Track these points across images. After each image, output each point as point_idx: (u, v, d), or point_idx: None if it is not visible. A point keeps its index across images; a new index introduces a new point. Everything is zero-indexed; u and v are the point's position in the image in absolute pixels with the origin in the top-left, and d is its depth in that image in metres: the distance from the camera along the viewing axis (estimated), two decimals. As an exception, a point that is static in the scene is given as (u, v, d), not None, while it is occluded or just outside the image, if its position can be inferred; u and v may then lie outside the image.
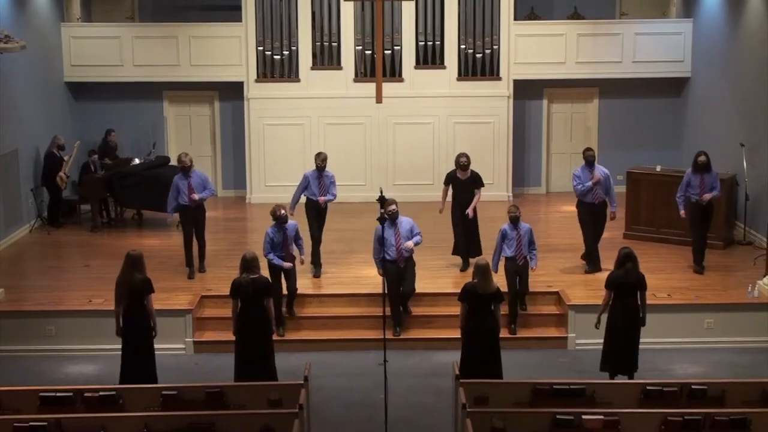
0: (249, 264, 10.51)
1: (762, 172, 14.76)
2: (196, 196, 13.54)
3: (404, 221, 12.40)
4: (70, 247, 15.79)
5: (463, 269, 13.84)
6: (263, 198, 17.83)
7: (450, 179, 13.96)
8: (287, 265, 12.23)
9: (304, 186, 13.76)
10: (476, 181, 13.87)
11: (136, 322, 10.50)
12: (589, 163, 13.62)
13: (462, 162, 13.81)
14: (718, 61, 17.25)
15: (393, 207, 12.24)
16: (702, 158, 13.73)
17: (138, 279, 10.44)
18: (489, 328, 10.36)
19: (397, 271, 12.24)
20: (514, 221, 12.28)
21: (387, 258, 12.18)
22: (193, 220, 13.74)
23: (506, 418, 8.71)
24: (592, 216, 13.71)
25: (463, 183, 13.84)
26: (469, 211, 13.75)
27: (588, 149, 13.91)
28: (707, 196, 13.58)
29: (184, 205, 13.63)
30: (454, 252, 14.11)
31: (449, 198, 14.03)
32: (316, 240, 13.81)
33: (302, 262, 12.72)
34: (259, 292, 10.46)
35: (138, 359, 10.55)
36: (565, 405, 9.06)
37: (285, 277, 12.28)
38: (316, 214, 13.77)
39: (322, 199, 13.64)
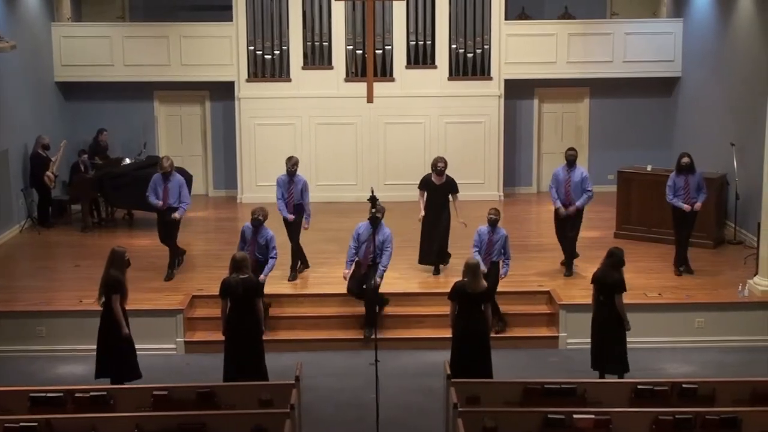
0: (238, 264, 10.50)
1: (752, 171, 14.78)
2: (177, 215, 13.51)
3: (382, 231, 12.10)
4: (61, 247, 15.76)
5: (437, 273, 13.80)
6: (254, 198, 17.80)
7: (425, 184, 13.78)
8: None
9: (281, 192, 13.51)
10: (452, 186, 13.68)
11: (108, 319, 10.56)
12: (570, 162, 13.65)
13: (439, 167, 13.60)
14: (708, 61, 17.29)
15: (378, 215, 11.93)
16: (685, 159, 13.73)
17: (110, 277, 10.47)
18: (478, 328, 10.35)
19: (360, 274, 12.18)
20: (492, 224, 12.04)
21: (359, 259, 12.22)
22: (164, 223, 13.69)
23: (497, 418, 8.71)
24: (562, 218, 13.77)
25: (438, 188, 13.66)
26: (463, 221, 13.55)
27: (570, 149, 13.93)
28: (698, 206, 13.59)
29: (156, 208, 13.65)
30: (421, 261, 13.87)
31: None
32: (293, 246, 13.70)
33: (262, 280, 11.88)
34: (248, 292, 10.45)
35: (111, 356, 10.58)
36: (557, 404, 9.07)
37: None
38: (288, 221, 13.59)
39: (291, 217, 13.45)
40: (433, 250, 13.74)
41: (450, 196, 13.69)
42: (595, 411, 8.84)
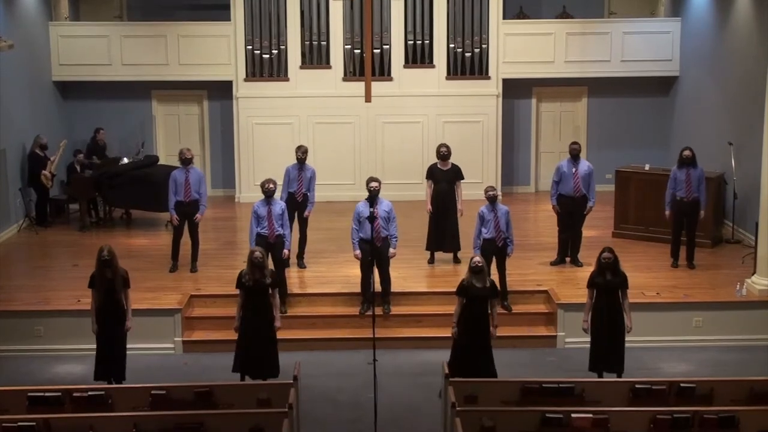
0: (248, 258, 10.58)
1: (750, 170, 14.78)
2: (199, 217, 13.78)
3: (384, 202, 12.52)
4: (59, 246, 15.74)
5: (456, 262, 13.98)
6: (252, 197, 17.73)
7: (430, 173, 14.01)
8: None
9: (287, 180, 13.92)
10: (457, 173, 13.92)
11: None
12: (574, 156, 13.75)
13: (442, 152, 13.89)
14: (706, 60, 17.29)
15: (374, 184, 12.38)
16: (687, 153, 13.81)
17: None
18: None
19: (373, 251, 12.26)
20: (492, 201, 12.31)
21: (363, 237, 12.27)
22: (186, 217, 13.75)
23: (495, 417, 8.72)
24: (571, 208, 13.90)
25: (445, 174, 13.88)
26: (462, 208, 13.76)
27: (574, 143, 14.16)
28: (702, 213, 13.76)
29: (178, 201, 13.65)
30: (429, 247, 14.13)
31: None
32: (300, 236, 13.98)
33: (286, 255, 12.64)
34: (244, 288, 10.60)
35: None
36: (554, 404, 9.08)
37: (272, 259, 12.25)
38: (294, 208, 13.83)
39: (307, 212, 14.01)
40: (446, 238, 13.90)
41: (455, 183, 13.94)
42: (593, 410, 8.86)
